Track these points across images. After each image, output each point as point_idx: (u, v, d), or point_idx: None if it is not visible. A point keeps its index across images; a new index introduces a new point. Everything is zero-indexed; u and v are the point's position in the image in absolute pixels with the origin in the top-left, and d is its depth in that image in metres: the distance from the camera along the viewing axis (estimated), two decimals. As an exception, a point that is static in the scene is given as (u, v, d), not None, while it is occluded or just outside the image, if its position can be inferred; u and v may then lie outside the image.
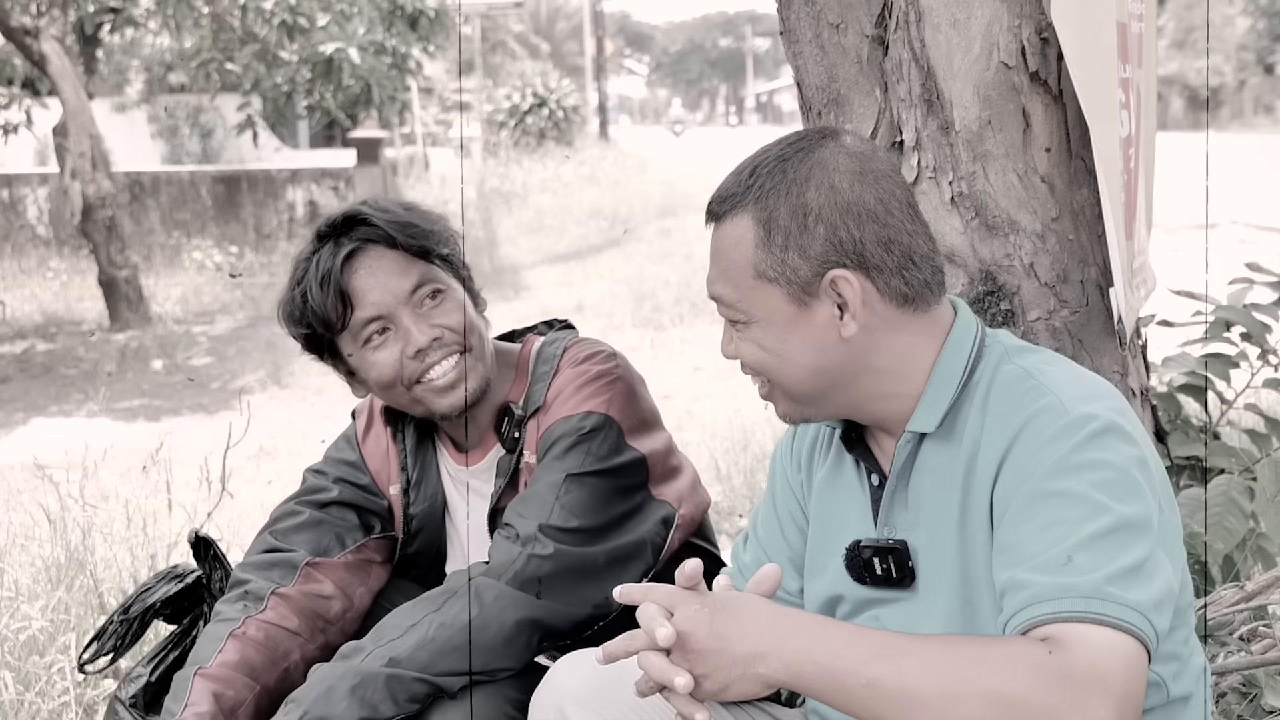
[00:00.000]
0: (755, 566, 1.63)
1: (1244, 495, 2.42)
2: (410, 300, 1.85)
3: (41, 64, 10.69)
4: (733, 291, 1.45)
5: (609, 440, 1.85)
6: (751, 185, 1.43)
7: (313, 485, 2.03)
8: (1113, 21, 2.02)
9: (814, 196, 1.40)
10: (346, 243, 1.86)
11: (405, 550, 2.03)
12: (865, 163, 1.43)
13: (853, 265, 1.40)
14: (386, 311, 1.84)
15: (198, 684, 1.78)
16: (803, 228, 1.40)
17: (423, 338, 1.83)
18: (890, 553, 1.47)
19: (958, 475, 1.41)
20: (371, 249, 1.86)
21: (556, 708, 1.54)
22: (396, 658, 1.68)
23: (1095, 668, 1.18)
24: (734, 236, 1.44)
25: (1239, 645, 2.20)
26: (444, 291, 1.87)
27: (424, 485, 2.01)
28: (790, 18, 2.09)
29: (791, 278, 1.41)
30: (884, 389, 1.45)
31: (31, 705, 2.69)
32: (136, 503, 3.87)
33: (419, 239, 1.87)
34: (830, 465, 1.58)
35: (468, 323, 1.86)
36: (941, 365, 1.44)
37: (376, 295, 1.84)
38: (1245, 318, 2.72)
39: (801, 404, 1.49)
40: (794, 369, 1.44)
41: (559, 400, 1.88)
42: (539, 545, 1.77)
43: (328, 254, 1.86)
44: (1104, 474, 1.30)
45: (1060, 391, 1.37)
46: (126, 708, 1.95)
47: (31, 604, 3.04)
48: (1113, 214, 1.99)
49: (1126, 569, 1.24)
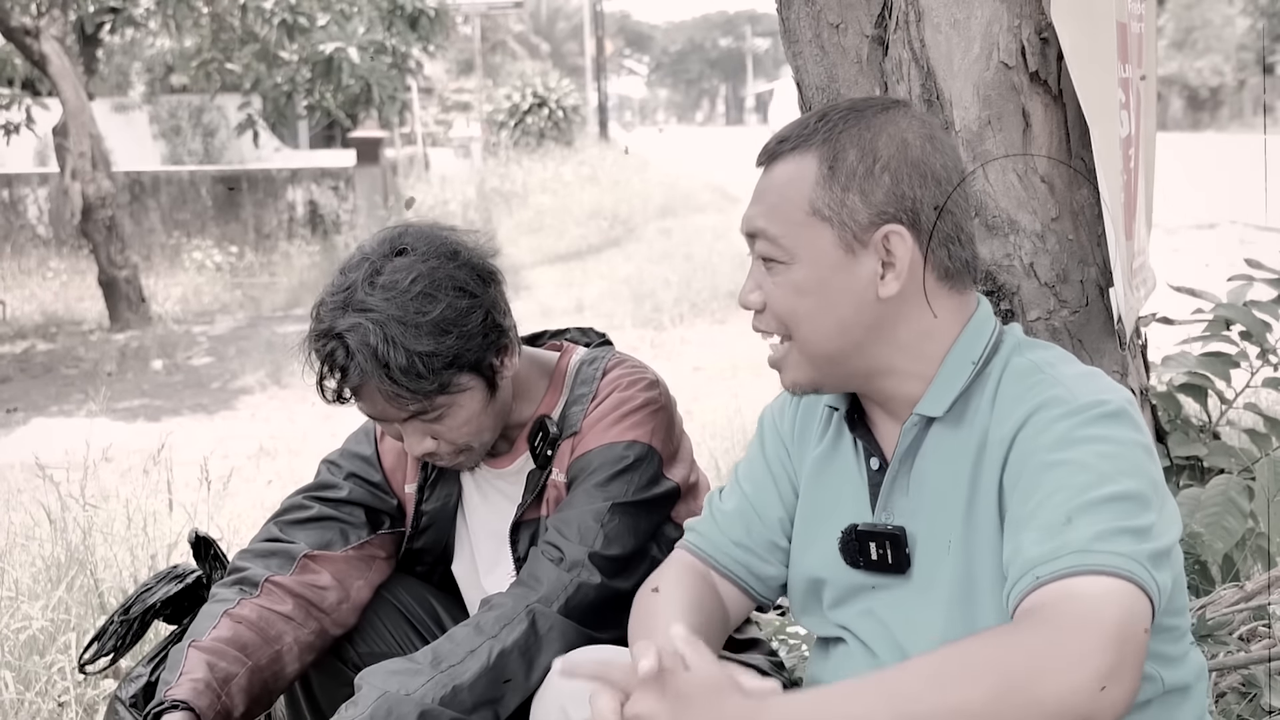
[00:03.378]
0: (737, 515, 1.62)
1: (1243, 495, 2.42)
2: (408, 422, 1.81)
3: (41, 64, 10.69)
4: (779, 226, 1.43)
5: (650, 470, 1.84)
6: (820, 127, 1.43)
7: (324, 480, 2.02)
8: (1113, 21, 2.02)
9: (885, 145, 1.41)
10: (342, 375, 1.76)
11: (411, 545, 2.02)
12: (934, 132, 1.45)
13: (907, 223, 1.40)
14: (386, 424, 1.85)
15: (192, 654, 1.79)
16: (869, 172, 1.40)
17: (419, 449, 1.84)
18: (888, 538, 1.46)
19: (965, 463, 1.41)
20: (366, 386, 1.77)
21: (558, 707, 1.54)
22: (460, 686, 1.66)
23: (1084, 616, 1.17)
24: (792, 172, 1.43)
25: (1238, 645, 2.20)
26: (444, 415, 1.80)
27: (441, 484, 2.00)
28: (790, 18, 2.09)
29: (847, 220, 1.40)
30: (899, 364, 1.45)
31: (31, 705, 2.69)
32: (136, 503, 3.87)
33: (412, 391, 1.74)
34: (827, 445, 1.57)
35: (464, 438, 1.83)
36: (957, 350, 1.44)
37: (373, 415, 1.84)
38: (1245, 316, 2.72)
39: (815, 366, 1.46)
40: (823, 320, 1.43)
41: (600, 426, 1.85)
42: (587, 573, 1.76)
43: (328, 370, 1.77)
44: (1109, 447, 1.31)
45: (1070, 383, 1.38)
46: (126, 708, 1.95)
47: (31, 604, 3.05)
48: (1113, 214, 1.99)
49: (1123, 529, 1.24)
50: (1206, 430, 2.74)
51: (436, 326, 1.74)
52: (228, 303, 12.55)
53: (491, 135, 24.28)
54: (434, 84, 27.56)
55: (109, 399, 7.65)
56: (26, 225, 15.44)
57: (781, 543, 1.61)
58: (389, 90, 12.43)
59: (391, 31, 12.89)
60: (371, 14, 12.56)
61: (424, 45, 13.66)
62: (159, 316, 11.42)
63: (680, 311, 9.93)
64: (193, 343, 10.30)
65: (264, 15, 11.66)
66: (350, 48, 11.81)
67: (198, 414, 7.60)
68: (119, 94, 20.16)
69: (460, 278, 1.78)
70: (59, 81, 10.65)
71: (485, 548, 1.99)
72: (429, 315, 1.73)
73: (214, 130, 21.75)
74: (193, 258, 14.12)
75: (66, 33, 11.21)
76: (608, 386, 1.89)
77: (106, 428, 6.83)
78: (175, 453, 4.14)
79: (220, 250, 14.37)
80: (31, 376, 9.17)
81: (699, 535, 1.65)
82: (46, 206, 15.40)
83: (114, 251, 11.02)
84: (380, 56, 12.43)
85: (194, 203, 15.73)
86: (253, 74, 12.33)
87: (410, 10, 13.06)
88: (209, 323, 11.52)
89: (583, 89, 31.05)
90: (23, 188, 15.61)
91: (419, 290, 1.74)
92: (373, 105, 12.69)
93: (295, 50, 12.03)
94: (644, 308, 9.93)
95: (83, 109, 10.82)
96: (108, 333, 10.82)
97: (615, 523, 1.79)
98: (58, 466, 3.92)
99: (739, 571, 1.62)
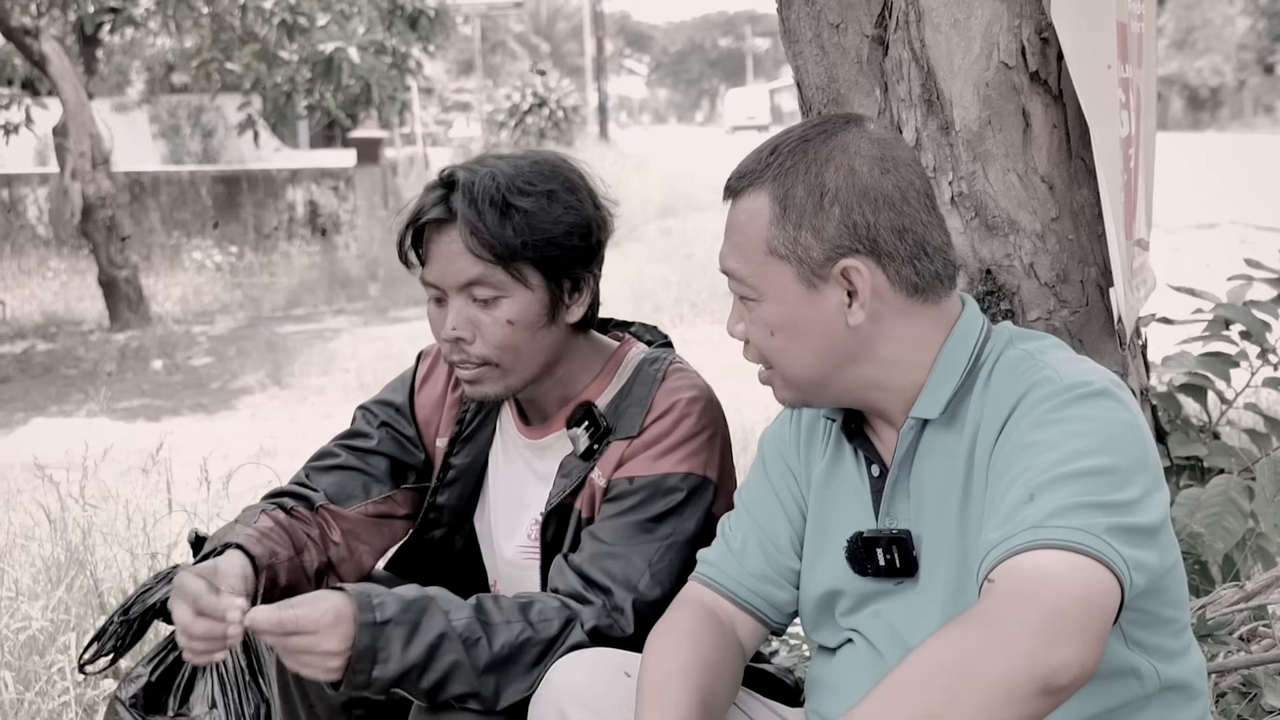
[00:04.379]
0: (754, 546, 1.60)
1: (1243, 495, 2.42)
2: (463, 290, 1.78)
3: (41, 64, 10.68)
4: (744, 266, 1.45)
5: (702, 504, 1.80)
6: (772, 162, 1.43)
7: (357, 429, 2.02)
8: (1113, 21, 2.02)
9: (832, 177, 1.40)
10: (442, 203, 1.78)
11: (434, 498, 2.00)
12: (886, 150, 1.43)
13: (865, 251, 1.40)
14: (442, 287, 1.80)
15: (239, 528, 1.81)
16: (818, 207, 1.40)
17: (453, 330, 1.79)
18: (894, 543, 1.46)
19: (960, 459, 1.41)
20: (453, 224, 1.77)
21: (556, 708, 1.54)
22: (488, 641, 1.65)
23: (1021, 591, 1.16)
24: (750, 211, 1.44)
25: (1239, 645, 2.20)
26: (500, 299, 1.78)
27: (473, 441, 1.98)
28: (790, 18, 2.09)
29: (803, 256, 1.41)
30: (887, 378, 1.45)
31: (31, 705, 2.69)
32: (136, 503, 3.87)
33: (493, 240, 1.75)
34: (829, 457, 1.57)
35: (502, 340, 1.79)
36: (946, 353, 1.44)
37: (434, 274, 1.80)
38: (1245, 316, 2.72)
39: (802, 390, 1.48)
40: (798, 353, 1.44)
41: (656, 449, 1.80)
42: (625, 621, 1.72)
43: (431, 201, 1.80)
44: (1083, 425, 1.30)
45: (1058, 367, 1.38)
46: (126, 708, 1.96)
47: (31, 604, 3.05)
48: (1113, 214, 1.99)
49: (1086, 504, 1.22)
50: (1206, 430, 2.74)
51: (540, 200, 1.77)
52: (228, 303, 12.55)
53: (491, 135, 24.28)
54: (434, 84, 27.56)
55: (109, 399, 7.65)
56: (26, 225, 15.44)
57: (795, 565, 1.60)
58: (389, 90, 12.42)
59: (391, 31, 12.89)
60: (371, 14, 12.56)
61: (424, 45, 13.65)
62: (159, 316, 11.42)
63: (680, 311, 9.93)
64: (192, 343, 10.29)
65: (264, 15, 11.65)
66: (350, 48, 11.80)
67: (197, 414, 7.59)
68: (119, 94, 20.16)
69: (579, 188, 1.83)
70: (59, 81, 10.64)
71: (503, 513, 1.98)
72: (536, 187, 1.78)
73: (214, 130, 21.75)
74: (193, 258, 14.12)
75: (66, 33, 11.21)
76: (665, 398, 1.82)
77: (106, 428, 6.83)
78: (175, 453, 4.14)
79: (220, 250, 14.37)
80: (31, 376, 9.16)
81: (715, 569, 1.62)
82: (46, 206, 15.40)
83: (114, 251, 11.01)
84: (380, 56, 12.43)
85: (194, 203, 15.72)
86: (253, 74, 12.32)
87: (410, 10, 13.05)
88: (209, 323, 11.51)
89: (583, 89, 31.06)
90: (23, 188, 15.60)
91: (535, 170, 1.80)
92: (373, 105, 12.69)
93: (295, 50, 12.02)
94: (644, 308, 9.92)
95: (82, 109, 10.82)
96: (108, 333, 10.81)
97: (663, 565, 1.76)
98: (57, 466, 3.93)
99: (757, 603, 1.60)
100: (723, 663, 1.53)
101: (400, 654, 1.58)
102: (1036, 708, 1.13)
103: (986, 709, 1.12)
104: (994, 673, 1.12)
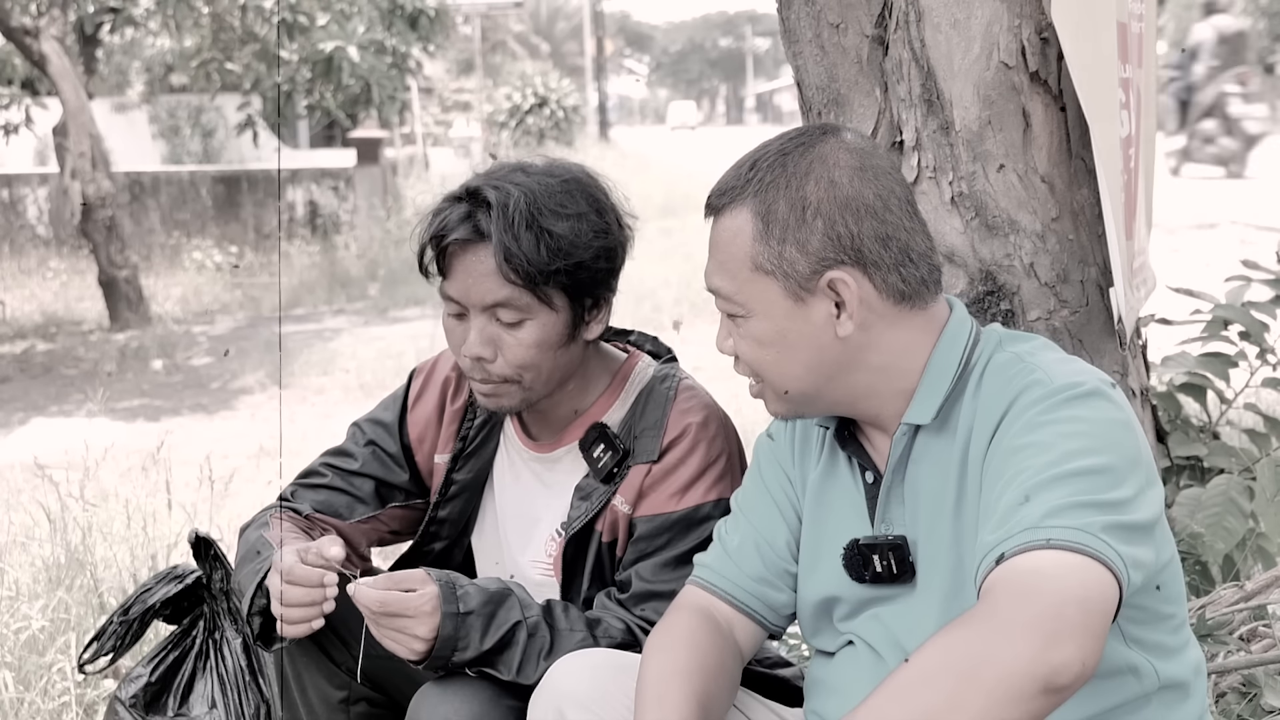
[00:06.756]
0: (751, 548, 1.61)
1: (1243, 495, 2.42)
2: (488, 310, 1.77)
3: (41, 64, 10.67)
4: (730, 284, 1.46)
5: None
6: (751, 179, 1.44)
7: (344, 449, 2.02)
8: (1113, 21, 2.02)
9: (813, 190, 1.40)
10: (469, 221, 1.76)
11: (436, 513, 2.00)
12: (865, 159, 1.43)
13: (850, 261, 1.40)
14: (466, 305, 1.79)
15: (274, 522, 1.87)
16: (801, 221, 1.40)
17: (476, 350, 1.78)
18: (890, 549, 1.46)
19: (953, 463, 1.41)
20: (483, 244, 1.76)
21: (555, 709, 1.54)
22: (552, 638, 1.73)
23: (1020, 592, 1.16)
24: (732, 229, 1.45)
25: (1239, 645, 2.20)
26: (525, 321, 1.77)
27: (476, 456, 1.98)
28: (790, 18, 2.09)
29: (789, 271, 1.41)
30: (878, 386, 1.45)
31: (31, 705, 2.69)
32: (136, 503, 3.87)
33: (528, 266, 1.73)
34: (824, 465, 1.57)
35: (524, 360, 1.79)
36: (936, 358, 1.44)
37: (458, 291, 1.78)
38: (1243, 316, 2.72)
39: (794, 403, 1.49)
40: (788, 366, 1.44)
41: (681, 479, 1.80)
42: None
43: (458, 217, 1.77)
44: (1076, 426, 1.30)
45: (1049, 369, 1.38)
46: (126, 708, 1.96)
47: (31, 604, 3.05)
48: (1113, 214, 1.99)
49: (1082, 503, 1.22)
50: (1206, 430, 2.74)
51: (572, 224, 1.77)
52: (228, 303, 12.54)
53: (492, 135, 24.28)
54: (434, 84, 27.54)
55: (109, 399, 7.64)
56: (26, 225, 15.42)
57: (792, 568, 1.61)
58: (389, 90, 12.42)
59: (391, 31, 12.89)
60: (371, 14, 12.55)
61: (424, 45, 13.65)
62: (159, 316, 11.41)
63: (680, 311, 9.90)
64: (192, 343, 10.29)
65: (264, 15, 11.65)
66: (350, 47, 11.79)
67: (197, 414, 7.59)
68: (118, 94, 20.15)
69: (606, 209, 1.84)
70: (59, 81, 10.63)
71: (513, 528, 1.98)
72: (568, 210, 1.77)
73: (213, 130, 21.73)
74: (193, 258, 14.11)
75: (66, 33, 11.20)
76: (679, 421, 1.83)
77: (106, 428, 6.83)
78: (175, 452, 4.14)
79: (220, 250, 14.36)
80: (31, 376, 9.16)
81: (713, 571, 1.62)
82: (46, 206, 15.39)
83: (114, 251, 11.00)
84: (380, 56, 12.43)
85: (194, 203, 15.72)
86: (253, 74, 12.32)
87: (410, 10, 13.05)
88: (209, 323, 11.51)
89: (583, 89, 31.06)
90: (23, 188, 15.59)
91: (565, 191, 1.79)
92: (373, 105, 12.69)
93: (295, 50, 12.02)
94: (644, 307, 9.91)
95: (82, 109, 10.80)
96: (107, 333, 10.80)
97: None
98: (57, 466, 3.93)
99: (755, 605, 1.61)
100: (721, 666, 1.53)
101: (478, 643, 1.67)
102: (1038, 707, 1.13)
103: (988, 709, 1.12)
104: (995, 673, 1.13)
